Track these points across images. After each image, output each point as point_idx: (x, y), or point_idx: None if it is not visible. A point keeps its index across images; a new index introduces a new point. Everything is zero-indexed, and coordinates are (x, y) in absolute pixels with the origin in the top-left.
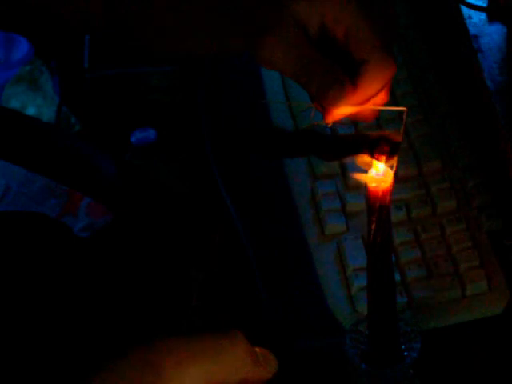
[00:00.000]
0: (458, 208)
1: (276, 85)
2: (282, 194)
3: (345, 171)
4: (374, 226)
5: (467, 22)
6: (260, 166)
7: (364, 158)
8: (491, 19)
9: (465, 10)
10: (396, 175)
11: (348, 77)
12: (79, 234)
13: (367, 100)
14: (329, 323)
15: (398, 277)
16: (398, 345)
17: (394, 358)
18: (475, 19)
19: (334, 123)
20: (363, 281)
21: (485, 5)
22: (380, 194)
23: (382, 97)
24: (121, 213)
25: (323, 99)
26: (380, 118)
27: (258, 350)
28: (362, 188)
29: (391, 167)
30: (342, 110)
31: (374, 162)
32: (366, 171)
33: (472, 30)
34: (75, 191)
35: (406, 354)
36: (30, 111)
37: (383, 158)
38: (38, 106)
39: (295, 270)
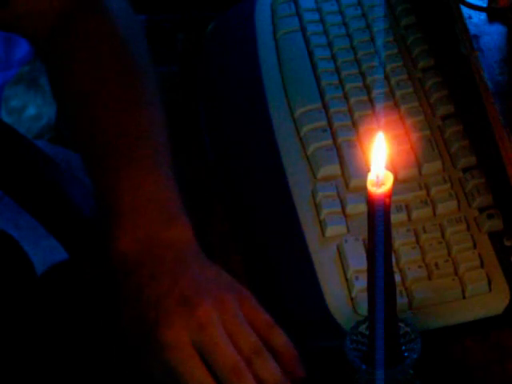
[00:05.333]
0: (459, 209)
1: (276, 86)
2: (282, 195)
3: (345, 173)
4: (374, 229)
5: (467, 22)
6: (260, 166)
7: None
8: (491, 19)
9: (465, 9)
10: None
11: None
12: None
13: None
14: (329, 325)
15: (398, 278)
16: (399, 346)
17: (394, 358)
18: (475, 19)
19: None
20: (363, 283)
21: (485, 5)
22: (380, 197)
23: None
24: (80, 253)
25: None
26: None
27: None
28: (362, 190)
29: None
30: None
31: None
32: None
33: (472, 30)
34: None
35: (406, 354)
36: (30, 111)
37: None
38: (38, 105)
39: (295, 272)
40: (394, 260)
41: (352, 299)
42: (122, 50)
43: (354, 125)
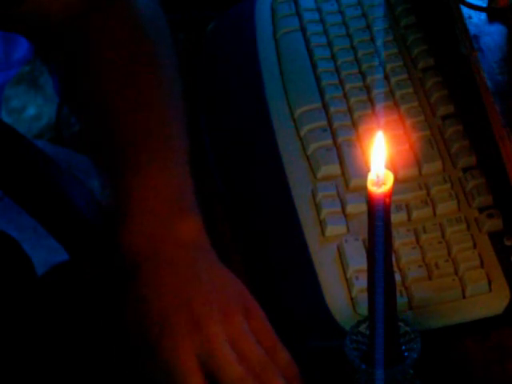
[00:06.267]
0: (459, 209)
1: (276, 86)
2: (282, 195)
3: (345, 173)
4: (374, 229)
5: (467, 22)
6: (260, 166)
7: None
8: (491, 19)
9: (465, 9)
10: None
11: None
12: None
13: None
14: (329, 325)
15: (398, 277)
16: (399, 345)
17: (394, 358)
18: (475, 19)
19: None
20: (363, 283)
21: (485, 5)
22: (380, 196)
23: None
24: (81, 254)
25: None
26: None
27: None
28: (362, 190)
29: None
30: None
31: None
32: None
33: (472, 30)
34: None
35: (406, 354)
36: (30, 111)
37: None
38: (38, 105)
39: (295, 271)
40: (394, 260)
41: (352, 299)
42: (144, 45)
43: (354, 125)
